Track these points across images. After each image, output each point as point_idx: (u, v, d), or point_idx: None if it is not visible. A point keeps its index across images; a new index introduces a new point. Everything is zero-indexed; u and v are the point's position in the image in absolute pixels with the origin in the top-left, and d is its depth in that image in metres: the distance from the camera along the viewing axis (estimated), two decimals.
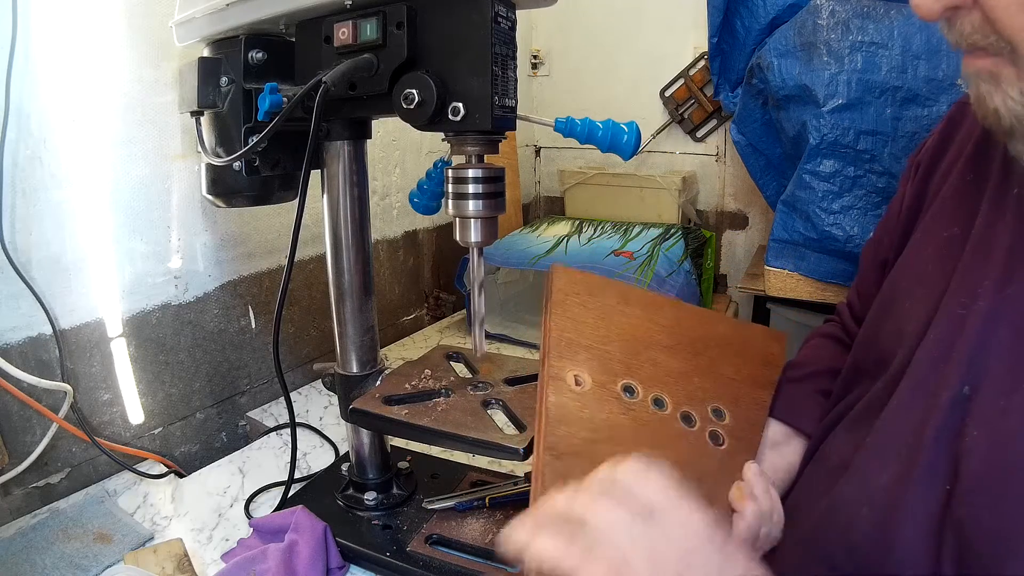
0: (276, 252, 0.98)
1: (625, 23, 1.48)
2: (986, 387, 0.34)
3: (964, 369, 0.35)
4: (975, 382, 0.35)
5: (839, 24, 0.94)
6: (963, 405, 0.35)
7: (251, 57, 0.58)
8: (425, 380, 0.63)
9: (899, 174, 0.92)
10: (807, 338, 0.65)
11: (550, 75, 1.64)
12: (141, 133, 0.78)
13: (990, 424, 0.33)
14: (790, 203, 1.02)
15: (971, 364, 0.35)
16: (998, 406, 0.33)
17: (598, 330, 0.48)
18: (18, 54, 0.65)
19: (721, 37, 1.14)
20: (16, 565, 0.61)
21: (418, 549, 0.59)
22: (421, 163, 1.26)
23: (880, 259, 0.55)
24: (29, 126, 0.68)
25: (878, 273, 0.55)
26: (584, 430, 0.44)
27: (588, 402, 0.45)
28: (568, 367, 0.45)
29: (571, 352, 0.46)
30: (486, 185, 0.49)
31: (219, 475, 0.78)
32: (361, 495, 0.66)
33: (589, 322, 0.48)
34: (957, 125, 0.48)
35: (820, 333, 0.64)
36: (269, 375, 1.00)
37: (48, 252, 0.71)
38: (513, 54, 0.48)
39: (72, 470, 0.76)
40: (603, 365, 0.47)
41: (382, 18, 0.47)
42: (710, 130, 1.44)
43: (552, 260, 1.18)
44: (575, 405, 0.44)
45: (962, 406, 0.35)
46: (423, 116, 0.46)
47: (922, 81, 0.89)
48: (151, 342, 0.83)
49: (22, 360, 0.69)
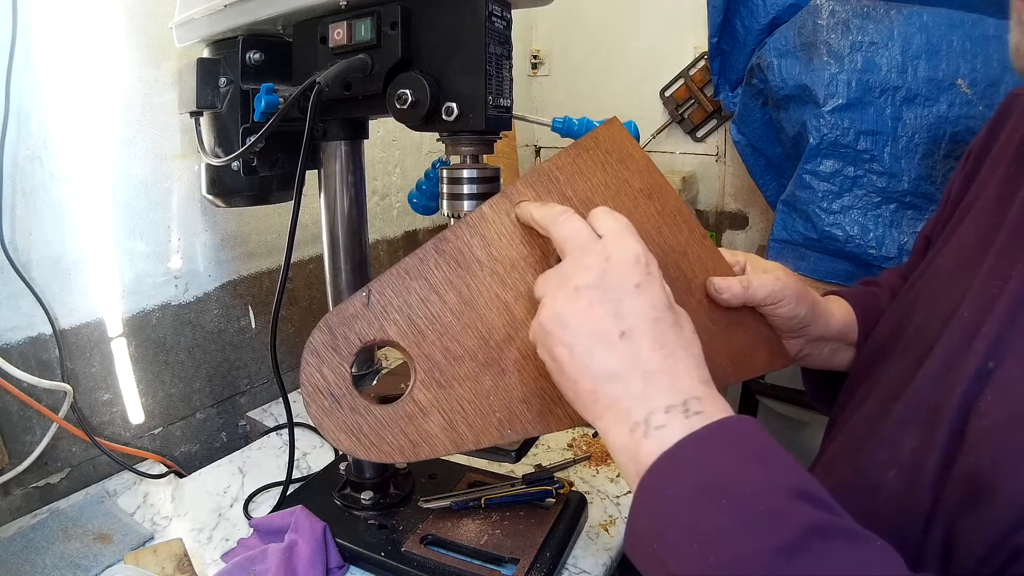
0: (276, 252, 0.98)
1: (625, 23, 1.48)
2: (1008, 361, 0.35)
3: (991, 345, 0.36)
4: (999, 358, 0.36)
5: (839, 24, 0.94)
6: (985, 378, 0.36)
7: (249, 58, 0.58)
8: None
9: (899, 174, 0.92)
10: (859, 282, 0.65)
11: (550, 75, 1.64)
12: (141, 133, 0.79)
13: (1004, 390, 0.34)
14: (790, 203, 1.02)
15: (998, 340, 0.36)
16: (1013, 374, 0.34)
17: (592, 194, 0.43)
18: (18, 54, 0.65)
19: (721, 37, 1.14)
20: (16, 565, 0.61)
21: (413, 549, 0.60)
22: (421, 163, 1.26)
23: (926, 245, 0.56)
24: (29, 126, 0.68)
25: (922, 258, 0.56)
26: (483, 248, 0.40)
27: (514, 233, 0.40)
28: (526, 191, 0.41)
29: (544, 183, 0.42)
30: (481, 185, 0.49)
31: (219, 475, 0.79)
32: (358, 495, 0.67)
33: (592, 180, 0.43)
34: (1006, 116, 0.49)
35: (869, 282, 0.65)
36: (269, 375, 1.00)
37: (48, 252, 0.72)
38: (508, 53, 0.48)
39: (72, 470, 0.76)
40: None
41: (376, 18, 0.47)
42: (710, 130, 1.44)
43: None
44: (499, 226, 0.40)
45: (983, 379, 0.36)
46: (417, 116, 0.46)
47: (922, 81, 0.89)
48: (151, 342, 0.83)
49: (22, 360, 0.70)
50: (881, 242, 0.93)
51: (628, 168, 0.44)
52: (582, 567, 0.62)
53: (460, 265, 0.39)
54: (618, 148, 0.44)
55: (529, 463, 0.75)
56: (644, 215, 0.44)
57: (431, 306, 0.39)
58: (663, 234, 0.45)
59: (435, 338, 0.39)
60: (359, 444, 0.38)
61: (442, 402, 0.39)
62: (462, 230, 0.40)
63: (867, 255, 0.94)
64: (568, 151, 0.43)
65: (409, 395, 0.39)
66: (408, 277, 0.38)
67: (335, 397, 0.37)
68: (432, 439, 0.39)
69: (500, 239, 0.40)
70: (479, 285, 0.40)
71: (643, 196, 0.44)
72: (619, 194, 0.44)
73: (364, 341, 0.38)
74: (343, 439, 0.38)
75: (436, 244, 0.39)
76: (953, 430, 0.35)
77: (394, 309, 0.38)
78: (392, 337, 0.38)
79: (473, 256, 0.40)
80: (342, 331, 0.38)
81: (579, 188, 0.43)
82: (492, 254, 0.40)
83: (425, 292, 0.39)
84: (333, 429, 0.38)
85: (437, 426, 0.39)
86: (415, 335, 0.39)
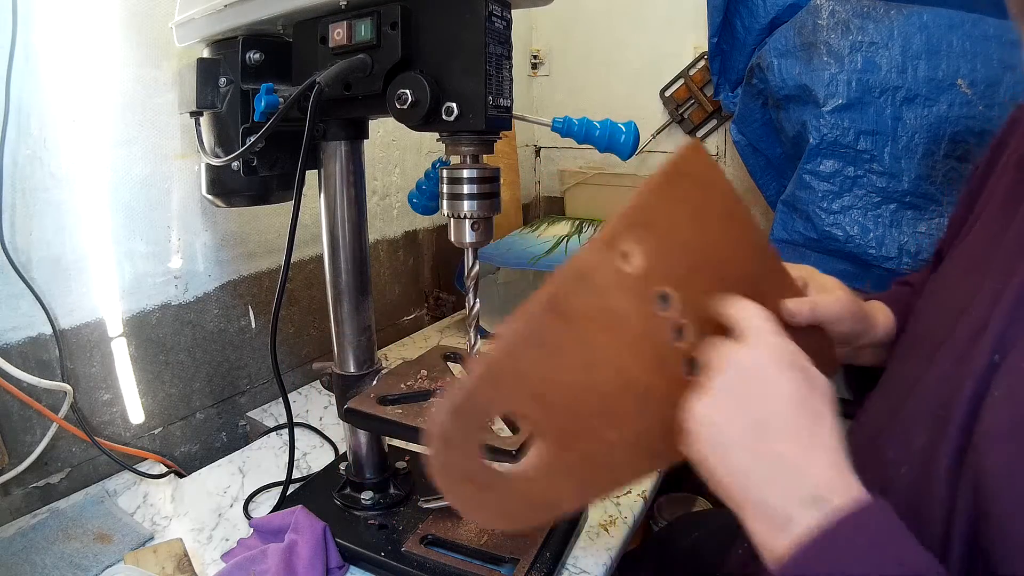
0: (276, 252, 0.98)
1: (625, 23, 1.48)
2: (1013, 354, 0.36)
3: (996, 338, 0.37)
4: (1005, 351, 0.36)
5: (839, 24, 0.94)
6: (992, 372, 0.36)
7: (249, 58, 0.58)
8: (421, 380, 0.63)
9: (899, 174, 0.92)
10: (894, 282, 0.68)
11: (550, 75, 1.64)
12: (141, 133, 0.79)
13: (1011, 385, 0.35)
14: (790, 203, 1.02)
15: (1003, 334, 0.37)
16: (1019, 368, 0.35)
17: (681, 226, 0.41)
18: (18, 54, 0.65)
19: (721, 37, 1.14)
20: (16, 565, 0.61)
21: (413, 549, 0.59)
22: (421, 163, 1.26)
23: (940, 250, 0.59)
24: (29, 126, 0.68)
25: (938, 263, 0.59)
26: (596, 304, 0.38)
27: (620, 282, 0.39)
28: (627, 239, 0.39)
29: (643, 226, 0.39)
30: (481, 185, 0.49)
31: (219, 475, 0.79)
32: (358, 495, 0.67)
33: (680, 212, 0.41)
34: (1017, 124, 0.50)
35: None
36: (269, 375, 1.00)
37: (48, 252, 0.71)
38: (508, 53, 0.48)
39: (72, 470, 0.76)
40: (663, 262, 0.40)
41: (376, 18, 0.47)
42: (710, 130, 1.44)
43: (552, 260, 1.18)
44: (606, 277, 0.38)
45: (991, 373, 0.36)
46: (417, 116, 0.46)
47: (922, 81, 0.89)
48: (151, 342, 0.83)
49: (22, 360, 0.70)
50: (881, 242, 0.93)
51: (711, 192, 0.43)
52: (582, 567, 0.62)
53: (571, 322, 0.37)
54: (701, 173, 0.42)
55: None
56: (729, 240, 0.44)
57: (552, 371, 0.37)
58: (744, 257, 0.45)
59: (558, 400, 0.37)
60: (498, 517, 0.38)
61: (571, 465, 0.39)
62: (568, 285, 0.38)
63: (867, 255, 0.94)
64: (658, 185, 0.41)
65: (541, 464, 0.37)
66: (526, 344, 0.36)
67: (472, 480, 0.36)
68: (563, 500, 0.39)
69: (607, 289, 0.39)
70: (593, 339, 0.38)
71: (726, 219, 0.44)
72: (707, 223, 0.42)
73: (490, 418, 0.37)
74: (482, 516, 0.38)
75: (547, 304, 0.37)
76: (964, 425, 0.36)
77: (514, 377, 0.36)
78: (516, 408, 0.37)
79: (583, 312, 0.38)
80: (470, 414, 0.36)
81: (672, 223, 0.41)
82: (601, 306, 0.38)
83: (542, 356, 0.37)
84: (474, 509, 0.37)
85: (567, 487, 0.39)
86: (539, 403, 0.37)
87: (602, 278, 0.38)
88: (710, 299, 0.42)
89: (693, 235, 0.42)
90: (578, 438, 0.38)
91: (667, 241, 0.40)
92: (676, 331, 0.41)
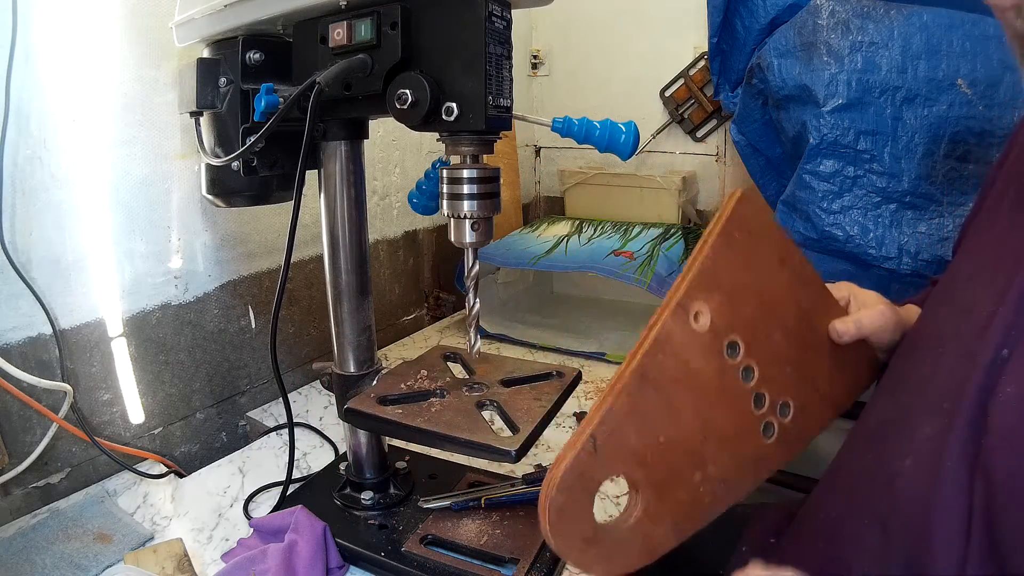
0: (276, 252, 0.98)
1: (625, 23, 1.48)
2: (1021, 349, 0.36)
3: (1004, 333, 0.37)
4: (1012, 346, 0.36)
5: (839, 24, 0.94)
6: (1000, 367, 0.36)
7: (249, 58, 0.58)
8: (421, 380, 0.63)
9: (899, 174, 0.92)
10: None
11: (550, 75, 1.64)
12: (141, 133, 0.79)
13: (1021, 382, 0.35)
14: (790, 203, 1.02)
15: (1010, 329, 0.37)
16: None
17: (740, 276, 0.44)
18: (18, 54, 0.65)
19: (721, 37, 1.14)
20: (16, 565, 0.61)
21: (413, 549, 0.59)
22: (421, 163, 1.26)
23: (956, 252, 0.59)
24: (29, 126, 0.68)
25: None
26: (676, 366, 0.41)
27: (694, 342, 0.42)
28: (698, 300, 0.42)
29: (709, 287, 0.43)
30: (480, 185, 0.49)
31: (219, 475, 0.79)
32: (358, 495, 0.67)
33: (737, 263, 0.44)
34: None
35: None
36: (269, 375, 1.00)
37: (48, 252, 0.72)
38: (508, 53, 0.48)
39: (72, 470, 0.76)
40: (728, 314, 0.43)
41: (376, 18, 0.47)
42: (710, 130, 1.44)
43: (552, 260, 1.18)
44: (682, 339, 0.42)
45: (999, 367, 0.36)
46: (417, 116, 0.46)
47: (922, 81, 0.89)
48: (151, 342, 0.83)
49: (22, 360, 0.70)
50: (881, 242, 0.93)
51: (762, 238, 0.46)
52: None
53: (659, 388, 0.41)
54: (751, 220, 0.45)
55: (529, 463, 0.75)
56: (783, 284, 0.47)
57: (647, 434, 0.41)
58: (798, 296, 0.48)
59: (652, 458, 0.41)
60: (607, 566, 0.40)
61: (667, 510, 0.42)
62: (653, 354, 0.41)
63: (867, 255, 0.94)
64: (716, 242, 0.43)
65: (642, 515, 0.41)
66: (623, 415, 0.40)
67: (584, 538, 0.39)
68: (662, 543, 0.42)
69: (685, 350, 0.42)
70: (679, 399, 0.42)
71: (778, 263, 0.47)
72: (760, 267, 0.46)
73: (598, 484, 0.40)
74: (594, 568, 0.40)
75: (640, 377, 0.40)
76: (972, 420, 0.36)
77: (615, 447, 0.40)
78: (620, 472, 0.40)
79: (669, 376, 0.41)
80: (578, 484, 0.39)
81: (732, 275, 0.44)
82: (683, 367, 0.42)
83: (638, 423, 0.40)
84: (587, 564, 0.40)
85: (663, 531, 0.42)
86: (638, 464, 0.40)
87: (679, 341, 0.41)
88: (770, 338, 0.46)
89: (750, 280, 0.45)
90: (671, 487, 0.42)
91: (729, 294, 0.44)
92: (744, 372, 0.45)
